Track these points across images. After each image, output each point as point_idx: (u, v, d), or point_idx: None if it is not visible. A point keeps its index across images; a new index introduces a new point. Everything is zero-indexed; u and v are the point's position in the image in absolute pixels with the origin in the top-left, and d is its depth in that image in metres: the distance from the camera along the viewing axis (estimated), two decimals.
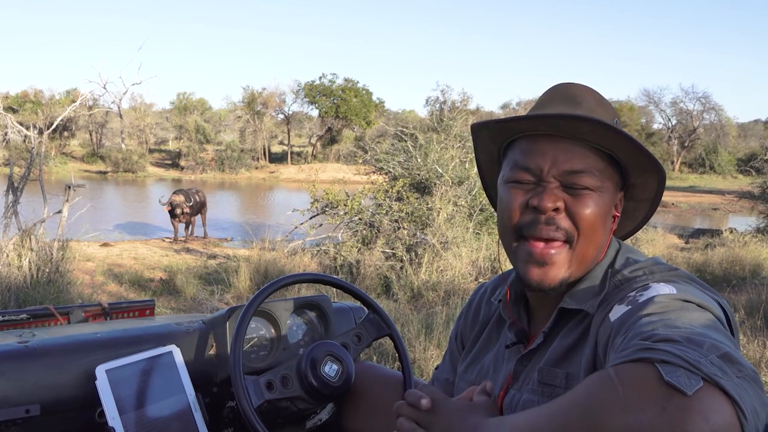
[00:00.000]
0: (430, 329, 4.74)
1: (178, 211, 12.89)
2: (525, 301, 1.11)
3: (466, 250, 7.85)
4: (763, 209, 14.49)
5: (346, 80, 38.47)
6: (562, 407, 0.72)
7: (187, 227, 13.57)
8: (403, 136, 10.52)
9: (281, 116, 41.56)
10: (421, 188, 9.32)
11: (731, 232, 11.93)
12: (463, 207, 8.88)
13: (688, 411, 0.63)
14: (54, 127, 10.45)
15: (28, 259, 5.84)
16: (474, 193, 9.17)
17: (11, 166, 6.85)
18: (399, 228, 8.37)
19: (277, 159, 40.90)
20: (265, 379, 1.31)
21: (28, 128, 9.51)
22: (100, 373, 1.22)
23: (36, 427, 1.18)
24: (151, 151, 40.30)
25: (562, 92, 1.03)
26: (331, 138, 40.44)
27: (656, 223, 13.64)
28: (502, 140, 1.06)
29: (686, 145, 42.23)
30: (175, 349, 1.35)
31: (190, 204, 13.14)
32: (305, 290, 5.83)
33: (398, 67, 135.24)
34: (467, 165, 9.76)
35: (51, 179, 21.47)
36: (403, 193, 8.95)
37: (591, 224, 0.97)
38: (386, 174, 10.07)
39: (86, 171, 33.12)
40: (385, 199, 8.87)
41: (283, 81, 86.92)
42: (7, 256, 5.81)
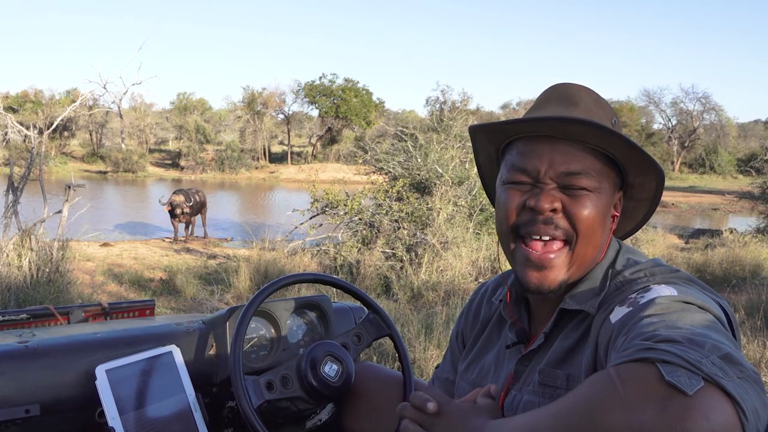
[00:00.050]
0: (430, 329, 4.74)
1: (178, 211, 12.89)
2: (526, 301, 1.11)
3: (466, 250, 7.84)
4: (763, 209, 14.49)
5: (346, 80, 38.52)
6: (564, 408, 0.73)
7: (187, 227, 13.57)
8: (403, 136, 10.52)
9: (281, 116, 41.58)
10: (421, 188, 9.32)
11: (731, 233, 11.93)
12: (463, 207, 8.88)
13: (689, 410, 0.63)
14: (54, 127, 10.45)
15: (28, 259, 5.84)
16: (474, 193, 9.17)
17: (11, 166, 6.85)
18: (399, 228, 8.36)
19: (277, 159, 40.90)
20: (265, 380, 1.31)
21: (28, 128, 9.50)
22: (100, 373, 1.21)
23: (36, 427, 1.18)
24: (151, 151, 40.30)
25: (560, 92, 1.03)
26: (331, 138, 40.44)
27: (656, 223, 13.64)
28: (500, 142, 1.07)
29: (686, 145, 42.23)
30: (175, 349, 1.35)
31: (190, 204, 13.14)
32: (305, 290, 5.82)
33: (398, 67, 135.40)
34: (467, 165, 9.76)
35: (51, 179, 21.45)
36: (403, 193, 8.94)
37: (589, 225, 0.97)
38: (386, 174, 10.07)
39: (86, 171, 33.12)
40: (385, 199, 8.87)
41: (283, 81, 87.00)
42: (7, 256, 5.81)
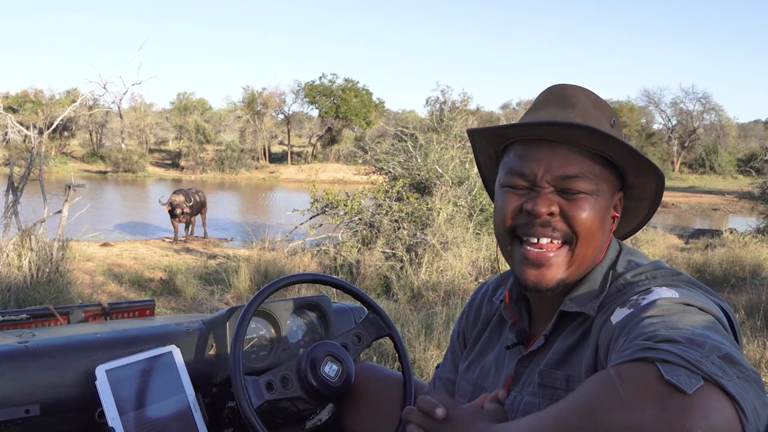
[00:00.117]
0: (430, 329, 4.73)
1: (178, 211, 12.88)
2: (526, 302, 1.12)
3: (466, 251, 7.84)
4: (763, 210, 14.47)
5: (346, 80, 38.51)
6: (564, 409, 0.73)
7: (187, 227, 13.56)
8: (403, 137, 10.52)
9: (281, 116, 41.58)
10: (421, 188, 9.32)
11: (731, 233, 11.92)
12: (463, 207, 8.88)
13: (688, 409, 0.63)
14: (54, 127, 10.44)
15: (28, 259, 5.83)
16: (474, 193, 9.17)
17: (11, 166, 6.84)
18: (399, 228, 8.36)
19: (277, 159, 40.90)
20: (265, 380, 1.31)
21: (28, 128, 9.50)
22: (100, 373, 1.21)
23: (36, 427, 1.18)
24: (151, 151, 40.29)
25: (557, 94, 1.03)
26: (331, 138, 40.44)
27: (656, 224, 13.63)
28: (498, 144, 1.07)
29: (686, 145, 42.23)
30: (175, 350, 1.35)
31: (190, 204, 13.14)
32: (305, 290, 5.82)
33: (398, 67, 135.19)
34: (467, 165, 9.76)
35: (51, 179, 21.45)
36: (403, 193, 8.94)
37: (588, 228, 0.97)
38: (386, 174, 10.07)
39: (86, 171, 33.12)
40: (385, 199, 8.86)
41: (283, 81, 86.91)
42: (7, 256, 5.81)
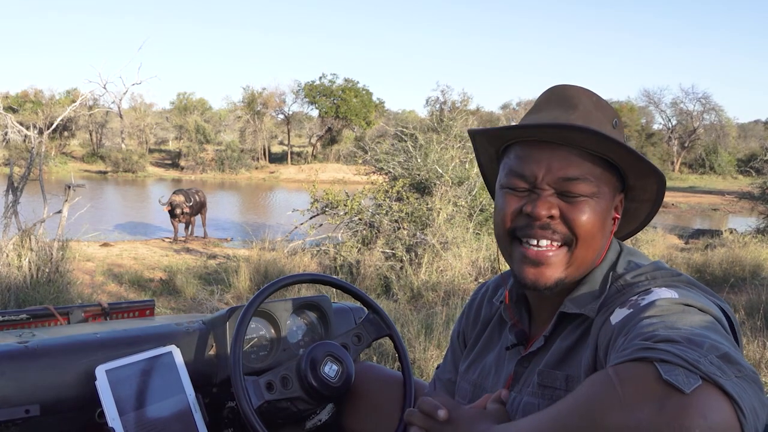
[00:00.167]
0: (430, 329, 4.73)
1: (178, 211, 12.89)
2: (526, 303, 1.12)
3: (466, 251, 7.84)
4: (763, 210, 14.47)
5: (346, 80, 38.50)
6: (564, 409, 0.73)
7: (187, 227, 13.56)
8: (403, 137, 10.52)
9: (281, 116, 41.57)
10: (421, 188, 9.32)
11: (731, 233, 11.91)
12: (463, 207, 8.88)
13: (686, 409, 0.63)
14: (54, 127, 10.45)
15: (28, 259, 5.83)
16: (474, 193, 9.17)
17: (11, 166, 6.84)
18: (399, 228, 8.36)
19: (277, 159, 40.89)
20: (264, 380, 1.31)
21: (28, 128, 9.50)
22: (100, 373, 1.22)
23: (36, 427, 1.18)
24: (151, 151, 40.29)
25: (559, 95, 1.03)
26: (331, 138, 40.43)
27: (656, 224, 13.62)
28: (499, 145, 1.07)
29: (686, 145, 42.22)
30: (175, 350, 1.35)
31: (190, 204, 13.14)
32: (305, 290, 5.82)
33: (398, 67, 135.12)
34: (467, 165, 9.76)
35: (51, 179, 21.45)
36: (403, 194, 8.94)
37: (588, 230, 0.97)
38: (386, 174, 10.07)
39: (86, 171, 33.11)
40: (385, 200, 8.86)
41: (283, 81, 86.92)
42: (7, 256, 5.81)
